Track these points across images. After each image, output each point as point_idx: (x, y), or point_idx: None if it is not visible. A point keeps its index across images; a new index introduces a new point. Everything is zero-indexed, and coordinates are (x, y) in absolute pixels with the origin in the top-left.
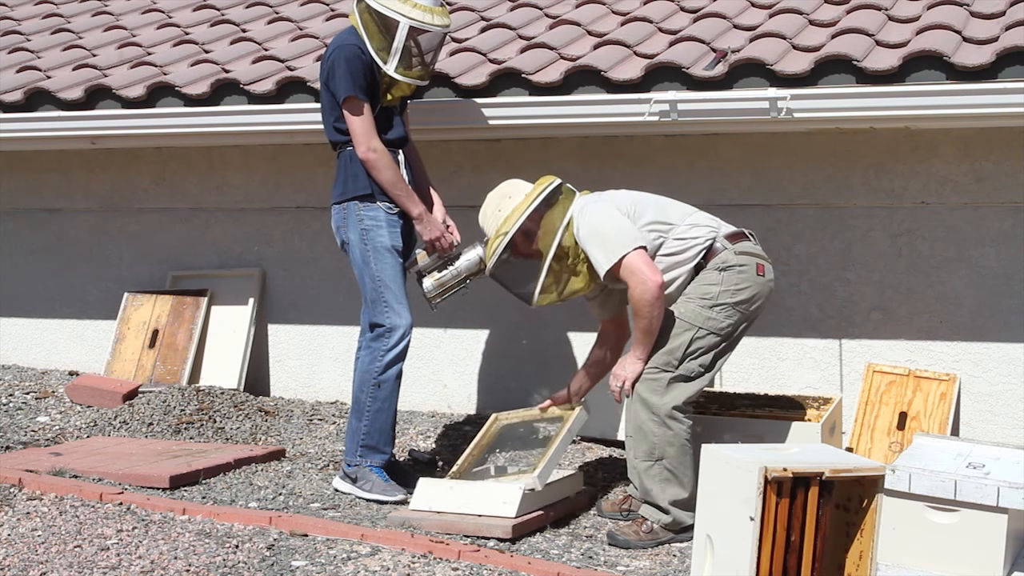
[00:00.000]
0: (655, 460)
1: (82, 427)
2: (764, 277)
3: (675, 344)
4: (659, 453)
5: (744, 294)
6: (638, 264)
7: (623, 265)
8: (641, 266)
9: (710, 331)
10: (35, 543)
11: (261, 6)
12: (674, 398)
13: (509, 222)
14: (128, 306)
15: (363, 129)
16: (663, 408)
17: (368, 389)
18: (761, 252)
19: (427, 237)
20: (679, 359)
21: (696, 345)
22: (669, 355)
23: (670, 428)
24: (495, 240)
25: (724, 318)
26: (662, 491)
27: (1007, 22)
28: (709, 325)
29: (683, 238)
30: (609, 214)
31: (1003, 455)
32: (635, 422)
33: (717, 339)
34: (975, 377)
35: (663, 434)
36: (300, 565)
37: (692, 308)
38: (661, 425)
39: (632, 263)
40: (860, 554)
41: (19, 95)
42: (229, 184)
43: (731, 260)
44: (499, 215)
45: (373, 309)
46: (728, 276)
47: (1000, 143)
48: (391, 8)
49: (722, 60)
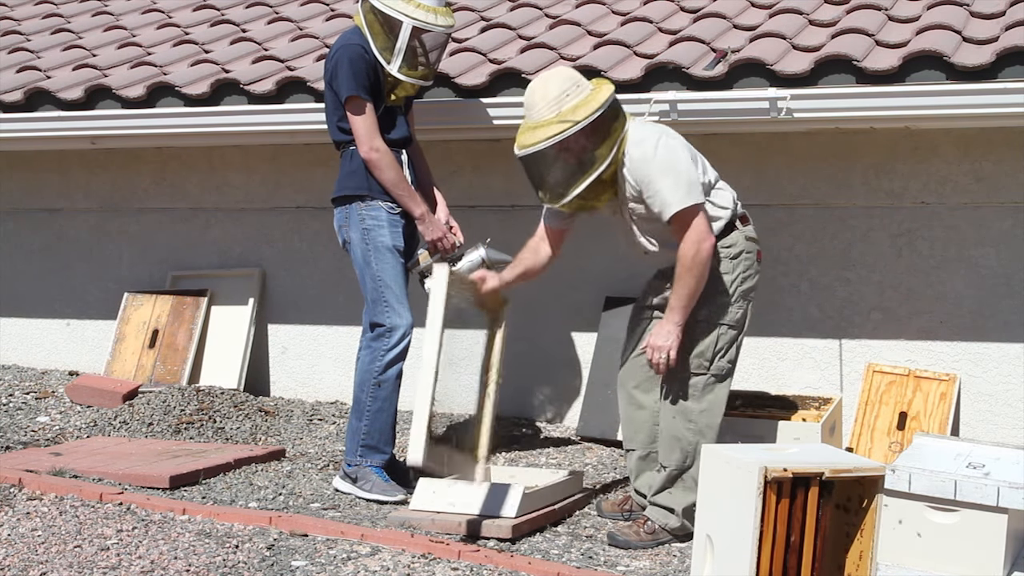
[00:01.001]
0: (686, 469)
1: (82, 427)
2: (760, 264)
3: (703, 346)
4: (690, 462)
5: (750, 282)
6: (702, 222)
7: (688, 214)
8: (704, 224)
9: (729, 325)
10: (35, 543)
11: (261, 6)
12: (711, 402)
13: (580, 112)
14: (128, 306)
15: (366, 129)
16: (702, 414)
17: (368, 389)
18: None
19: (429, 237)
20: (710, 359)
21: (722, 342)
22: (700, 357)
23: (705, 436)
24: (554, 125)
25: (737, 309)
26: (682, 498)
27: (1007, 22)
28: (727, 319)
29: (715, 203)
30: (687, 156)
31: (1003, 455)
32: (670, 431)
33: (736, 332)
34: (975, 377)
35: (698, 441)
36: (300, 565)
37: (710, 307)
38: (698, 433)
39: (699, 218)
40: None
41: (19, 95)
42: (229, 184)
43: (740, 245)
44: (566, 100)
45: (374, 309)
46: (737, 264)
47: (1000, 143)
48: (395, 8)
49: (722, 60)
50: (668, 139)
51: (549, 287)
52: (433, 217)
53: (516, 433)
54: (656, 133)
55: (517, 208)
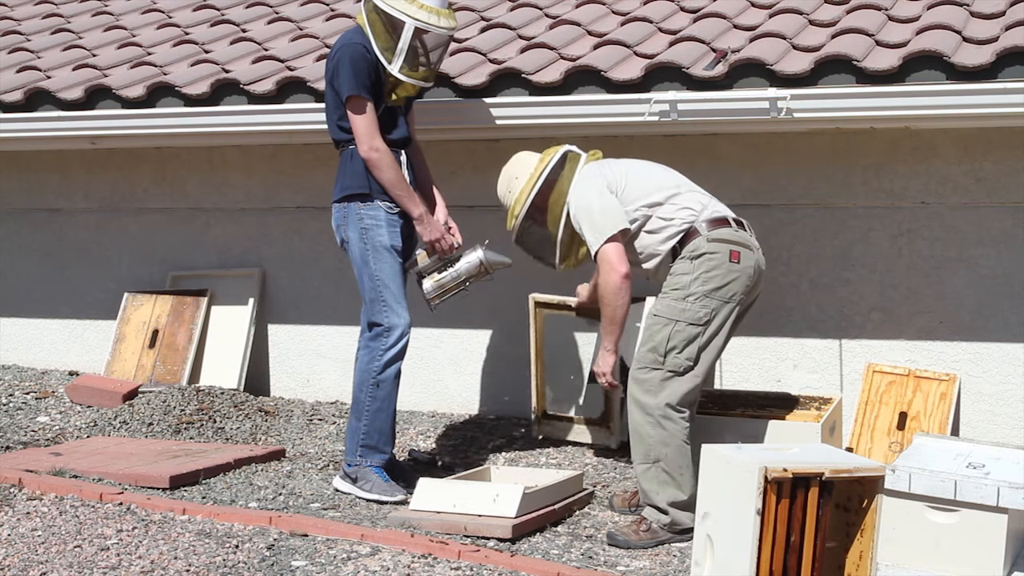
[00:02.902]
0: (652, 462)
1: (82, 427)
2: (739, 264)
3: (656, 341)
4: (655, 455)
5: (715, 282)
6: (611, 255)
7: (602, 252)
8: (612, 258)
9: (688, 322)
10: (35, 543)
11: (261, 6)
12: (667, 396)
13: (518, 206)
14: (128, 306)
15: (366, 128)
16: (657, 408)
17: (367, 389)
18: (741, 239)
19: (427, 238)
20: (663, 354)
21: (676, 339)
22: (653, 352)
23: (664, 428)
24: (509, 220)
25: (699, 308)
26: (659, 492)
27: (1007, 22)
28: (685, 316)
29: (665, 217)
30: (597, 191)
31: (1003, 455)
32: (631, 424)
33: (696, 329)
34: (975, 377)
35: (658, 435)
36: (300, 565)
37: (666, 303)
38: (656, 426)
39: (605, 253)
40: (860, 554)
41: (19, 95)
42: (229, 184)
43: (702, 247)
44: (510, 196)
45: (372, 308)
46: (698, 264)
47: (1000, 143)
48: (397, 8)
49: (722, 60)
50: (583, 183)
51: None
52: (431, 218)
53: (516, 433)
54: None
55: None
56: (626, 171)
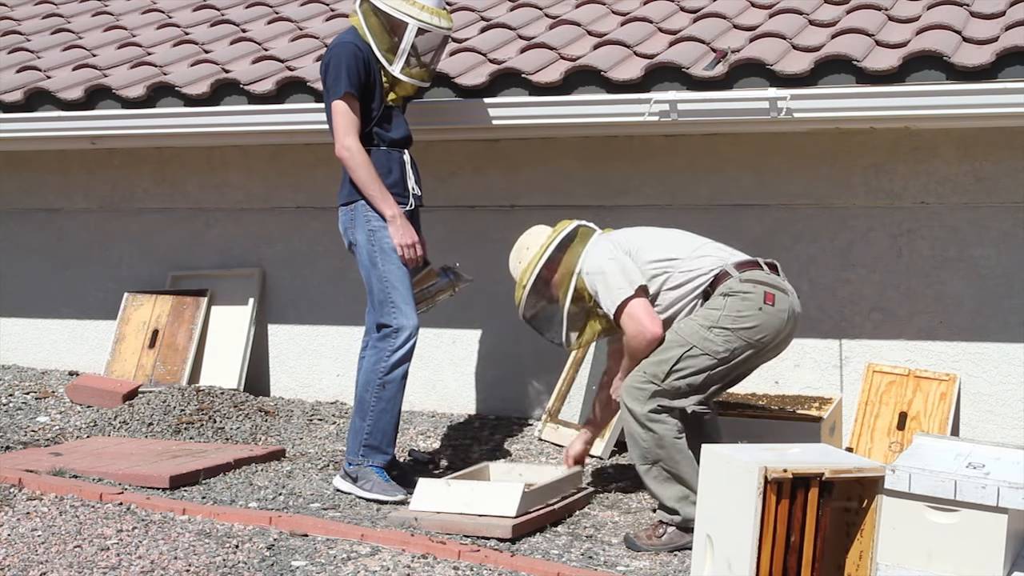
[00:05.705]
0: (651, 463)
1: (82, 427)
2: (773, 306)
3: (664, 357)
4: (652, 456)
5: (747, 322)
6: (638, 312)
7: (624, 311)
8: (640, 314)
9: (704, 351)
10: (35, 543)
11: (261, 6)
12: (654, 404)
13: (526, 275)
14: (128, 306)
15: (341, 125)
16: (642, 414)
17: (373, 389)
18: (775, 281)
19: (397, 241)
20: (665, 373)
21: (686, 363)
22: (656, 367)
23: (654, 431)
24: (518, 291)
25: (722, 341)
26: (665, 492)
27: (1007, 22)
28: (704, 345)
29: (688, 270)
30: (610, 254)
31: (1003, 455)
32: (626, 429)
33: (712, 361)
34: (975, 377)
35: (650, 437)
36: (300, 565)
37: (690, 325)
38: (646, 430)
39: (632, 310)
40: (860, 554)
41: (19, 95)
42: (229, 184)
43: (735, 287)
44: (519, 267)
45: (380, 310)
46: (732, 302)
47: (1000, 143)
48: (399, 9)
49: (722, 60)
50: (595, 247)
51: None
52: (404, 220)
53: (516, 433)
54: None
55: (516, 208)
56: (640, 234)
